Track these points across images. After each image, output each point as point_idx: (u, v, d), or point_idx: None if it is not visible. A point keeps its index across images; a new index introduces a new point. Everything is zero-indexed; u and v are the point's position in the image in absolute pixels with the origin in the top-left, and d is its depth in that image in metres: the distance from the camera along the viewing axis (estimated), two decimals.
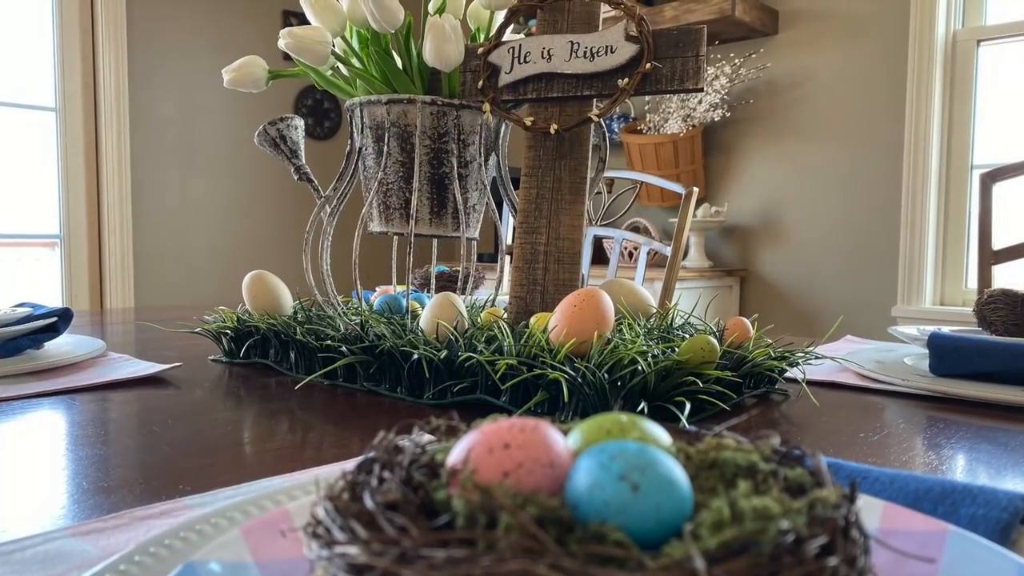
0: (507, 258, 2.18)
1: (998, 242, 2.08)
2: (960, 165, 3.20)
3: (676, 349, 0.82)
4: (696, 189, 1.96)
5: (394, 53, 1.07)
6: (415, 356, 0.85)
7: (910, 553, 0.36)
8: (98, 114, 3.68)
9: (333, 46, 1.06)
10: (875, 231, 3.32)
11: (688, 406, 0.75)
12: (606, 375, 0.74)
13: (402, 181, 1.05)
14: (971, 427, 0.78)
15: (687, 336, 0.92)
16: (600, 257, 3.82)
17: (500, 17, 1.11)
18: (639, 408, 0.75)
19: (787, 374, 0.96)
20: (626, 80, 0.94)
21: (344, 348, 0.92)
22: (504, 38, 1.03)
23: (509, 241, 2.24)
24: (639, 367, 0.75)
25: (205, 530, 0.42)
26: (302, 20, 4.07)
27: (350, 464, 0.54)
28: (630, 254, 3.58)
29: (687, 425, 0.72)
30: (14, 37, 3.55)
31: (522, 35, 1.04)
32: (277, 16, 4.23)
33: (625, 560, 0.26)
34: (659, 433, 0.35)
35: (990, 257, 2.07)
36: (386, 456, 0.34)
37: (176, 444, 0.69)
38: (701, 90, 0.92)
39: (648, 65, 0.92)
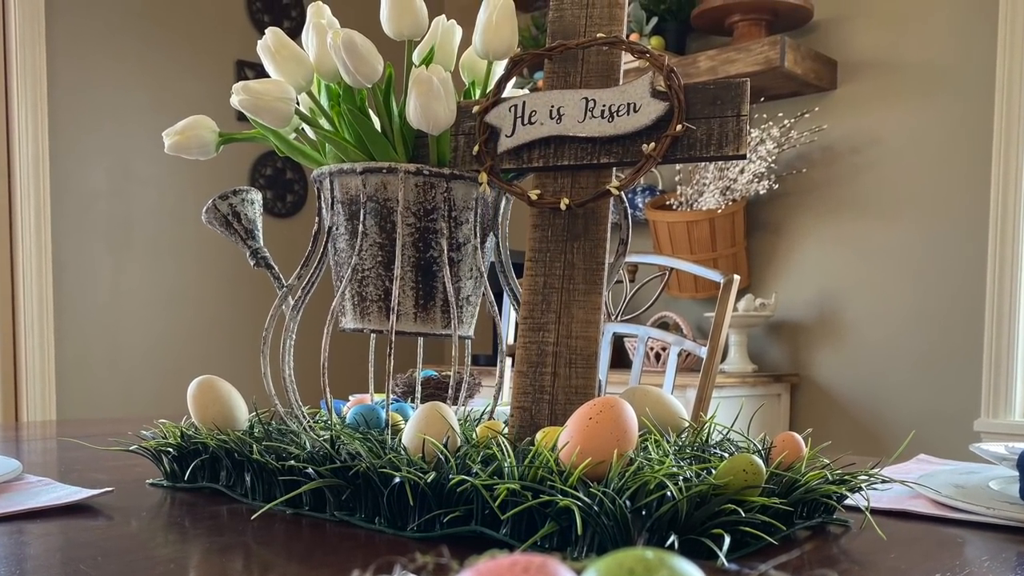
0: (508, 361, 2.19)
1: None
2: None
3: (713, 471, 0.82)
4: (737, 277, 1.98)
5: (371, 112, 1.09)
6: (397, 480, 0.86)
7: None
8: (12, 185, 3.72)
9: (297, 104, 1.07)
10: (954, 328, 3.33)
11: (728, 540, 0.75)
12: (628, 502, 0.75)
13: (381, 267, 1.06)
14: None
15: (726, 455, 0.93)
16: (621, 360, 3.83)
17: (500, 69, 1.13)
18: (668, 543, 0.75)
19: (847, 501, 0.96)
20: (652, 145, 0.96)
21: (311, 470, 0.93)
22: (505, 94, 1.05)
23: (511, 340, 2.25)
24: (668, 493, 0.75)
25: None
26: (260, 73, 4.13)
27: None
28: (657, 356, 3.59)
29: (726, 563, 0.73)
30: None
31: (526, 90, 1.06)
32: (229, 68, 4.32)
33: None
34: (692, 573, 0.36)
35: None
36: None
37: None
38: (744, 157, 0.94)
39: (679, 127, 0.94)
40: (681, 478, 0.78)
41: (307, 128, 1.12)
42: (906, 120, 3.43)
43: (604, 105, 0.98)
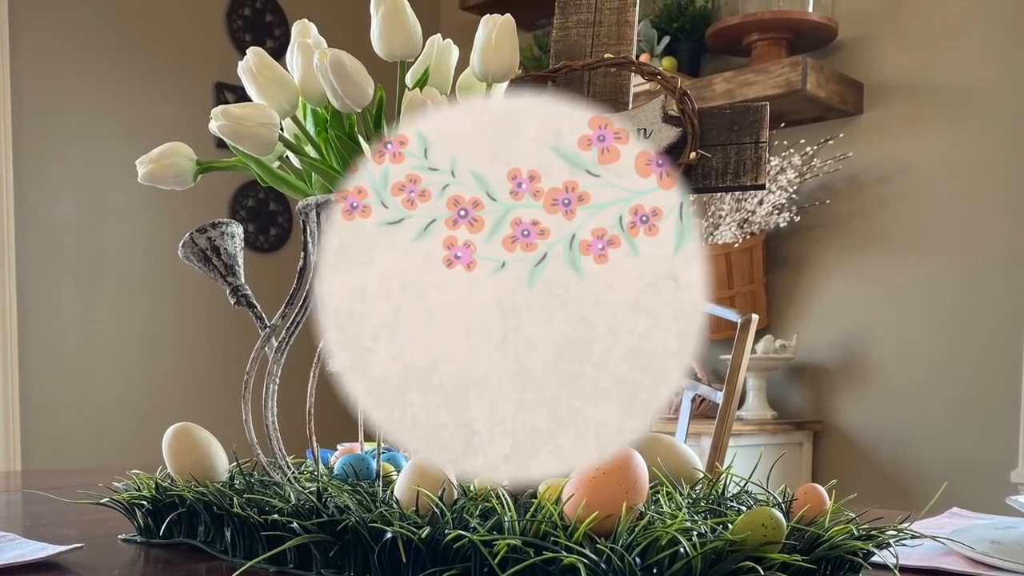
0: None
1: None
2: None
3: (730, 526, 0.82)
4: (755, 316, 1.98)
5: (361, 139, 1.09)
6: (388, 535, 0.86)
7: None
8: None
9: (281, 129, 1.07)
10: (990, 372, 3.32)
11: None
12: (638, 559, 0.75)
13: None
14: None
15: (744, 509, 0.93)
16: None
17: (500, 91, 1.13)
18: None
19: (874, 558, 0.96)
20: None
21: (296, 524, 0.93)
22: None
23: None
24: (681, 549, 0.76)
25: None
26: (241, 96, 4.10)
27: None
28: (669, 401, 3.58)
29: None
30: None
31: None
32: (208, 91, 4.33)
33: None
34: None
35: None
36: None
37: None
38: (763, 187, 0.94)
39: (693, 154, 0.94)
40: (695, 533, 0.78)
41: (292, 156, 1.12)
42: (938, 147, 3.42)
43: None
